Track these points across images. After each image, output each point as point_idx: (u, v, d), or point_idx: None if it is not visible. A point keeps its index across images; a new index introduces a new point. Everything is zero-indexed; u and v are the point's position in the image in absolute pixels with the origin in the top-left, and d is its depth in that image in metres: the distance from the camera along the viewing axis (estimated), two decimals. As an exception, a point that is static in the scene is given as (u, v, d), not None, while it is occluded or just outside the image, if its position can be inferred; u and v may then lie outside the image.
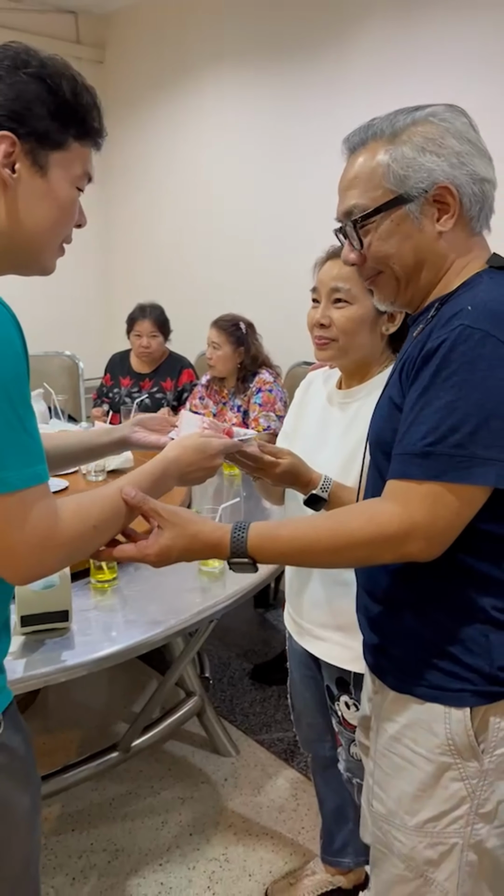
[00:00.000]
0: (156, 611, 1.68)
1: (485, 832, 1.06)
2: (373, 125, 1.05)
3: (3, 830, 0.97)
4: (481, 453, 0.90)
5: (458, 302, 0.98)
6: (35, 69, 0.89)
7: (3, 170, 0.88)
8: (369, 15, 3.23)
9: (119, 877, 1.99)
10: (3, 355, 0.80)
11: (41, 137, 0.90)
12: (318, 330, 1.46)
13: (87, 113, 0.94)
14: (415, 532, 0.93)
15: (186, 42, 4.12)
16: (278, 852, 2.07)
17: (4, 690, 1.00)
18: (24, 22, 4.26)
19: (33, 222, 0.92)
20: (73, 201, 0.97)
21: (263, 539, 1.00)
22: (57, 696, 2.81)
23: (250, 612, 3.44)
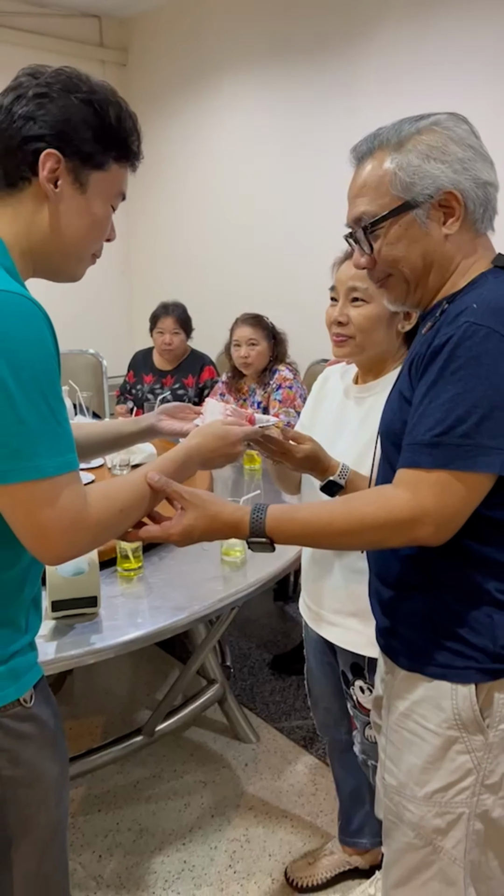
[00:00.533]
0: (179, 598, 1.76)
1: (490, 802, 1.12)
2: (379, 135, 1.10)
3: (34, 797, 1.04)
4: (486, 442, 0.96)
5: (464, 300, 1.04)
6: (85, 94, 0.97)
7: (47, 184, 0.96)
8: (383, 17, 3.27)
9: (143, 855, 2.07)
10: (38, 354, 0.87)
11: (84, 158, 0.98)
12: (336, 327, 1.52)
13: (128, 137, 1.03)
14: (424, 517, 0.99)
15: (206, 45, 4.19)
16: (297, 834, 2.14)
17: (35, 667, 1.07)
18: (49, 26, 4.36)
19: (70, 233, 1.00)
20: (107, 218, 1.05)
21: (281, 521, 1.06)
22: (83, 684, 2.90)
23: (270, 605, 3.51)
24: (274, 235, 4.01)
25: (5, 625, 1.01)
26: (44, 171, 0.95)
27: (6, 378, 0.84)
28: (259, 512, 1.07)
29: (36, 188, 0.97)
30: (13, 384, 0.85)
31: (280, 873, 2.00)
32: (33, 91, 0.96)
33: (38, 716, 1.04)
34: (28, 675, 1.04)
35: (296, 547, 1.90)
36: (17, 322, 0.86)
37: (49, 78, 0.97)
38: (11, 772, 1.00)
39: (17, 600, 1.03)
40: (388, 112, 1.19)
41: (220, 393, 3.29)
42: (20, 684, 1.01)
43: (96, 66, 4.64)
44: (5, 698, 0.99)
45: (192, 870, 2.02)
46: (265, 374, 3.12)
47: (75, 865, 2.03)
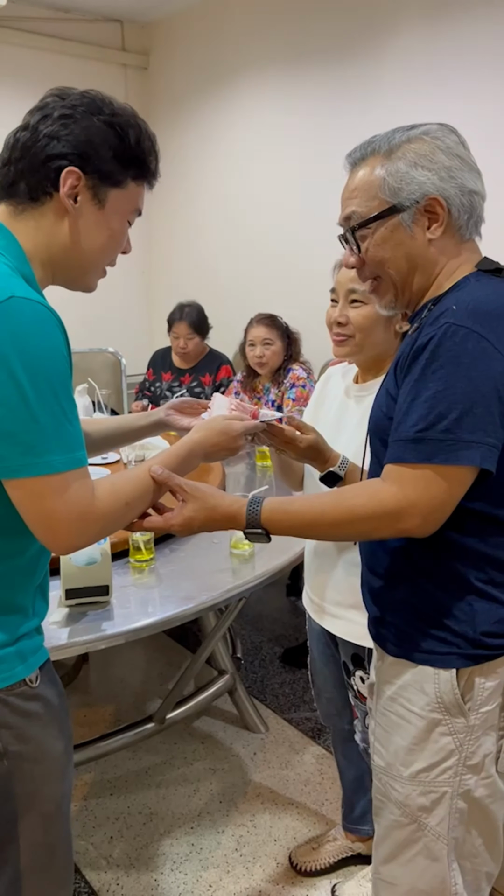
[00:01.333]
0: (189, 588, 1.82)
1: (472, 782, 1.18)
2: (372, 142, 1.17)
3: (39, 771, 1.09)
4: (466, 437, 1.01)
5: (446, 302, 1.09)
6: (107, 116, 1.05)
7: (67, 200, 1.03)
8: (399, 22, 3.31)
9: (153, 837, 2.14)
10: (52, 358, 0.94)
11: (103, 176, 1.05)
12: (336, 328, 1.58)
13: (146, 157, 1.10)
14: (411, 509, 1.04)
15: (225, 49, 4.25)
16: (303, 820, 2.20)
17: (41, 649, 1.13)
18: (73, 31, 4.44)
19: (87, 246, 1.08)
20: (123, 232, 1.13)
21: (275, 512, 1.13)
22: (98, 673, 2.98)
23: (282, 600, 3.58)
24: (290, 237, 4.06)
25: (15, 609, 1.07)
26: (64, 187, 1.02)
27: (22, 380, 0.91)
28: (255, 504, 1.13)
29: (57, 203, 1.04)
30: (28, 386, 0.91)
31: (284, 858, 2.06)
32: (59, 112, 1.03)
33: (43, 695, 1.10)
34: (34, 656, 1.10)
35: (302, 541, 1.95)
36: (32, 328, 0.92)
37: (74, 100, 1.05)
38: (18, 748, 1.05)
39: (27, 586, 1.09)
40: (404, 116, 1.25)
41: (234, 391, 3.35)
42: (26, 665, 1.07)
43: (118, 70, 4.72)
44: (13, 678, 1.05)
45: (199, 852, 2.08)
46: (279, 374, 3.18)
47: (87, 846, 2.10)
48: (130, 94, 4.79)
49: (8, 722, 1.04)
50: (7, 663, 1.05)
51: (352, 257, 1.20)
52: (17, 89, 4.24)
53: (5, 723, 1.04)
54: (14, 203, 1.05)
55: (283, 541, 2.03)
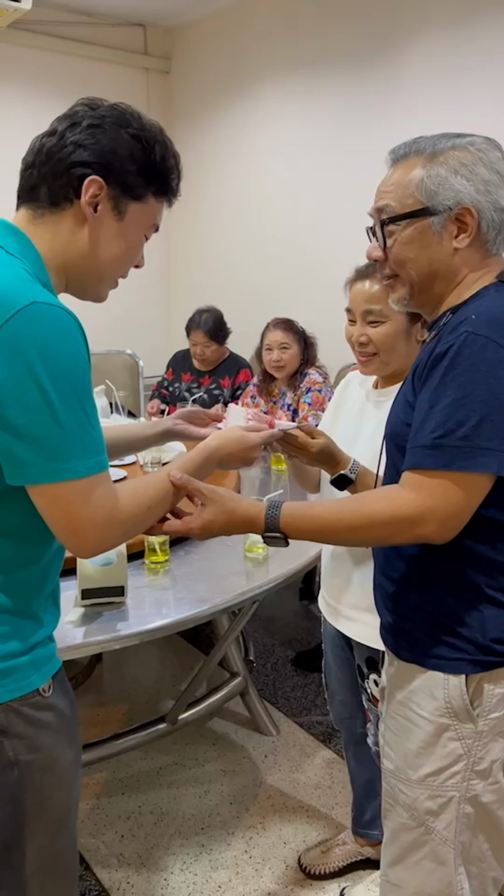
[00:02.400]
0: (203, 590, 1.83)
1: (480, 788, 1.19)
2: (418, 142, 1.17)
3: (49, 780, 1.10)
4: (484, 444, 1.02)
5: (465, 311, 1.10)
6: (135, 130, 1.06)
7: (87, 208, 1.04)
8: (423, 27, 3.32)
9: (163, 837, 2.16)
10: (74, 363, 0.95)
11: (126, 188, 1.06)
12: (359, 347, 1.60)
13: (169, 175, 1.11)
14: (429, 515, 1.05)
15: (247, 54, 4.27)
16: (312, 824, 2.21)
17: (54, 658, 1.13)
18: (96, 35, 4.49)
19: (103, 256, 1.08)
20: (140, 246, 1.13)
21: (294, 517, 1.13)
22: (112, 673, 3.00)
23: (295, 604, 3.59)
24: (308, 241, 4.08)
25: (27, 617, 1.07)
26: (86, 195, 1.03)
27: (47, 386, 0.91)
28: (274, 509, 1.14)
29: (77, 210, 1.04)
30: (53, 392, 0.92)
31: (294, 860, 2.07)
32: (87, 121, 1.04)
33: (55, 705, 1.10)
34: (47, 666, 1.10)
35: (316, 546, 1.97)
36: (55, 333, 0.93)
37: (104, 111, 1.06)
38: (29, 757, 1.06)
39: (39, 594, 1.10)
40: (428, 121, 1.27)
41: (251, 395, 3.37)
42: (39, 674, 1.07)
43: (140, 74, 4.76)
44: (26, 688, 1.05)
45: (209, 853, 2.10)
46: (295, 378, 3.18)
47: (98, 844, 2.12)
48: (152, 98, 4.83)
49: (20, 732, 1.05)
50: (21, 672, 1.05)
51: (375, 251, 1.20)
52: (40, 92, 4.29)
53: (18, 733, 1.04)
54: (33, 207, 1.06)
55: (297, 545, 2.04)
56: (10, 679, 1.04)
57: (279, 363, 3.15)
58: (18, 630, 1.06)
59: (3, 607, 1.04)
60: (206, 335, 3.60)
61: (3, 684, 1.03)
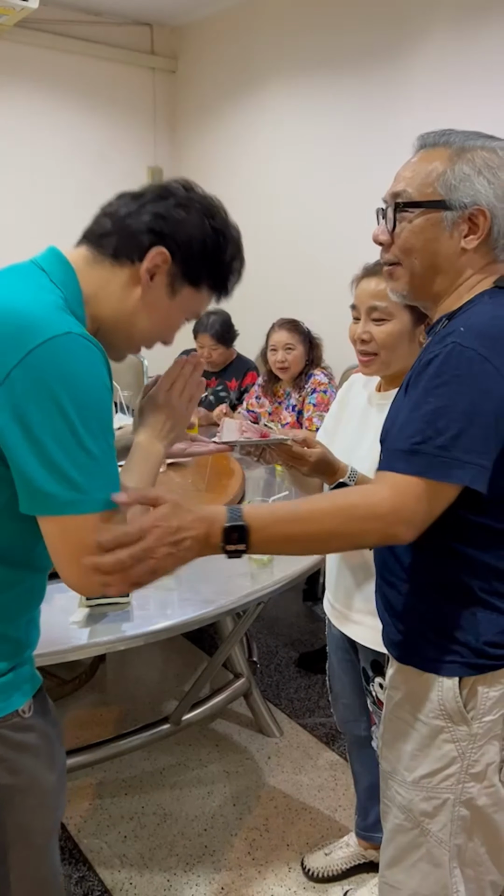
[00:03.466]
0: (208, 591, 1.83)
1: (475, 791, 1.19)
2: (448, 134, 1.17)
3: (30, 803, 1.09)
4: (461, 456, 1.02)
5: (455, 322, 1.11)
6: (219, 225, 1.09)
7: (145, 274, 1.05)
8: (430, 28, 3.31)
9: (166, 838, 2.15)
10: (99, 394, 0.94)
11: (187, 271, 1.08)
12: (360, 345, 1.58)
13: (231, 275, 1.14)
14: (399, 515, 1.03)
15: (253, 54, 4.27)
16: (316, 826, 2.21)
17: (34, 676, 1.12)
18: (103, 34, 4.48)
19: (142, 324, 1.09)
20: (178, 327, 1.15)
21: (260, 507, 1.05)
22: (115, 673, 3.00)
23: (299, 605, 3.58)
24: (317, 242, 4.07)
25: (10, 638, 1.06)
26: (149, 261, 1.04)
27: (73, 417, 0.90)
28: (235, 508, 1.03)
29: (134, 272, 1.05)
30: (80, 424, 0.91)
31: (297, 863, 2.07)
32: (176, 200, 1.06)
33: (35, 726, 1.08)
34: (26, 685, 1.09)
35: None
36: (81, 364, 0.93)
37: (196, 196, 1.09)
38: (9, 780, 1.05)
39: (19, 619, 1.08)
40: (436, 121, 1.25)
41: (255, 396, 3.36)
42: (18, 696, 1.06)
43: (146, 73, 4.76)
44: (5, 709, 1.04)
45: (212, 854, 2.09)
46: (300, 379, 3.18)
47: (101, 844, 2.12)
48: (158, 97, 4.83)
49: (1, 755, 1.04)
50: (3, 693, 1.04)
51: (383, 234, 1.20)
52: (47, 91, 4.29)
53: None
54: (95, 251, 1.06)
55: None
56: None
57: (284, 364, 3.15)
58: (1, 652, 1.05)
59: None
60: (213, 338, 3.60)
61: None
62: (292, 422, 3.17)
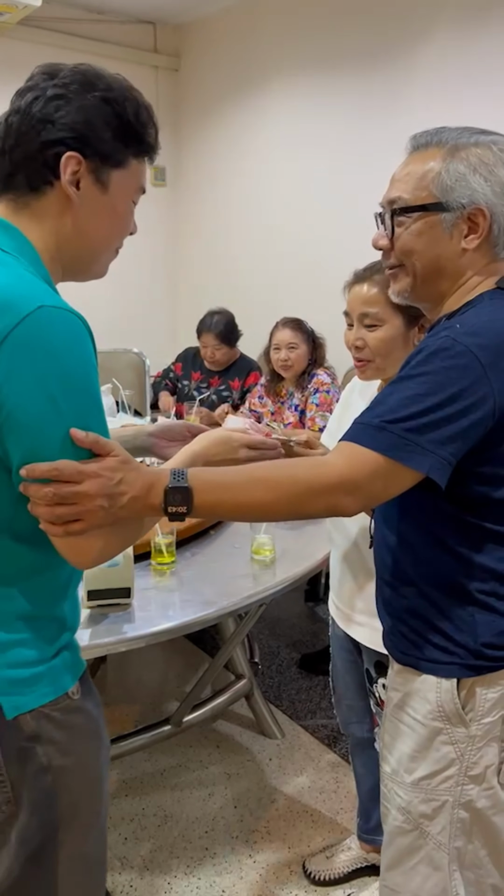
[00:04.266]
0: (210, 592, 1.82)
1: (474, 793, 1.18)
2: (441, 133, 1.15)
3: (81, 783, 1.08)
4: (425, 444, 1.01)
5: (453, 320, 1.10)
6: (102, 92, 0.98)
7: (69, 187, 0.97)
8: (432, 29, 3.30)
9: (167, 840, 2.14)
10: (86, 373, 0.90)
11: (105, 157, 0.99)
12: (355, 352, 1.58)
13: (146, 131, 1.03)
14: (350, 487, 1.02)
15: (257, 53, 4.25)
16: (317, 829, 2.19)
17: (79, 659, 1.10)
18: (106, 32, 4.47)
19: (95, 233, 1.02)
20: (130, 213, 1.07)
21: (205, 470, 1.03)
22: (116, 673, 2.99)
23: (301, 606, 3.57)
24: (318, 241, 4.05)
25: (53, 620, 1.05)
26: (66, 174, 0.96)
27: (58, 398, 0.87)
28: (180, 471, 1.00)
29: (58, 191, 0.98)
30: (64, 403, 0.88)
31: (298, 865, 2.05)
32: (51, 92, 0.96)
33: (84, 707, 1.07)
34: (74, 668, 1.07)
35: (324, 548, 1.95)
36: (65, 341, 0.89)
37: (65, 77, 0.98)
38: (62, 761, 1.03)
39: (63, 598, 1.07)
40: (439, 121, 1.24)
41: (258, 396, 3.35)
42: (68, 677, 1.05)
43: (149, 72, 4.74)
44: (56, 692, 1.03)
45: (213, 857, 2.08)
46: (303, 378, 3.17)
47: (102, 846, 2.11)
48: (161, 95, 4.81)
49: (53, 737, 1.02)
50: (50, 676, 1.03)
51: (382, 239, 1.18)
52: (49, 90, 4.27)
53: (50, 738, 1.02)
54: (14, 196, 0.99)
55: (304, 547, 2.06)
56: (39, 684, 1.02)
57: (287, 362, 3.13)
58: (43, 635, 1.03)
59: (24, 613, 1.01)
60: (217, 338, 3.59)
61: (33, 690, 1.01)
62: (295, 422, 3.15)
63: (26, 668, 1.01)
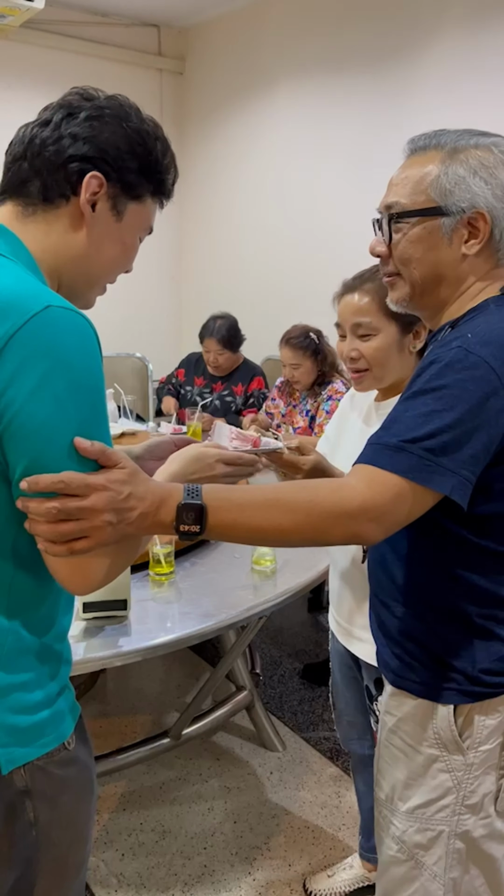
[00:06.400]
0: (209, 604, 1.78)
1: (471, 823, 1.14)
2: (439, 135, 1.10)
3: (67, 837, 1.02)
4: (447, 464, 0.96)
5: (462, 329, 1.05)
6: (136, 125, 0.98)
7: (86, 206, 0.95)
8: (440, 28, 3.26)
9: (165, 856, 2.09)
10: (94, 375, 0.85)
11: (126, 187, 0.98)
12: (350, 363, 1.53)
13: (167, 174, 1.03)
14: (372, 514, 0.96)
15: (261, 55, 4.22)
16: (318, 846, 2.14)
17: (75, 703, 1.03)
18: (110, 35, 4.45)
19: (99, 259, 1.00)
20: (135, 249, 1.05)
21: (220, 488, 0.96)
22: (115, 683, 2.94)
23: (303, 615, 3.52)
24: (327, 244, 4.02)
25: (52, 656, 0.98)
26: (86, 192, 0.95)
27: (65, 401, 0.82)
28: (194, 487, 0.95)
29: (72, 208, 0.96)
30: (72, 407, 0.83)
31: (299, 884, 2.00)
32: (86, 112, 0.95)
33: (78, 758, 1.01)
34: (73, 710, 1.01)
35: (326, 559, 1.90)
36: (74, 343, 0.84)
37: (102, 102, 0.98)
38: (49, 816, 0.98)
39: (60, 627, 1.01)
40: (446, 122, 1.20)
41: (271, 398, 3.34)
42: (66, 724, 0.99)
43: (154, 75, 4.72)
44: (53, 742, 0.96)
45: (211, 874, 2.03)
46: (316, 387, 3.13)
47: (98, 862, 2.06)
48: (166, 99, 4.79)
49: (44, 791, 0.96)
50: (53, 722, 0.96)
51: (379, 246, 1.14)
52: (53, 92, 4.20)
53: (41, 792, 0.96)
54: (22, 203, 0.96)
55: (306, 557, 2.01)
56: (39, 733, 0.95)
57: (293, 378, 3.13)
58: (46, 671, 0.96)
59: (28, 649, 0.93)
60: (220, 343, 3.56)
61: (33, 740, 0.94)
62: (304, 426, 3.12)
63: (29, 715, 0.94)
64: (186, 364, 3.89)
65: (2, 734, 0.92)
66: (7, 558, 0.90)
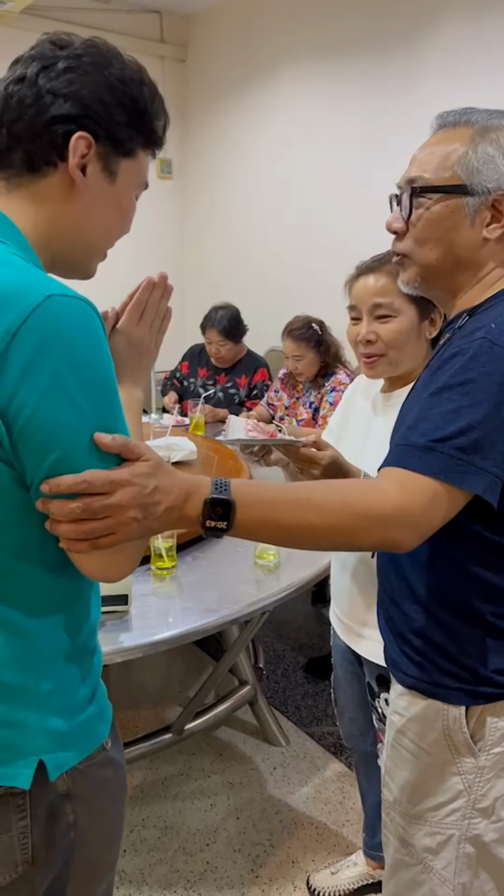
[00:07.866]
0: (211, 599, 1.75)
1: (482, 827, 1.10)
2: (469, 112, 1.06)
3: (101, 839, 1.00)
4: (478, 463, 0.92)
5: (483, 318, 1.00)
6: (118, 71, 0.87)
7: (75, 171, 0.86)
8: (444, 13, 3.21)
9: (167, 853, 2.07)
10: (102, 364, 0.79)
11: (117, 144, 0.88)
12: (364, 347, 1.47)
13: (158, 122, 0.93)
14: (406, 517, 0.92)
15: (264, 41, 4.17)
16: (322, 842, 2.12)
17: (107, 703, 1.00)
18: (111, 22, 4.39)
19: (96, 226, 0.91)
20: (133, 210, 0.96)
21: (248, 483, 0.91)
22: (118, 677, 2.92)
23: (307, 608, 3.49)
24: (331, 232, 3.97)
25: (88, 652, 0.95)
26: (74, 156, 0.85)
27: (77, 396, 0.77)
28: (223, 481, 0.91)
29: (62, 175, 0.86)
30: (85, 402, 0.77)
31: (302, 881, 1.98)
32: (62, 64, 0.84)
33: (114, 759, 0.98)
34: (106, 712, 0.98)
35: (329, 553, 1.87)
36: (80, 333, 0.77)
37: (77, 49, 0.86)
38: (87, 819, 0.96)
39: (94, 622, 0.97)
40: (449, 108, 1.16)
41: (274, 390, 3.30)
42: (102, 726, 0.96)
43: (156, 62, 4.67)
44: (94, 744, 0.93)
45: (214, 871, 2.01)
46: (319, 378, 3.09)
47: (99, 858, 2.04)
48: (168, 86, 4.74)
49: (83, 794, 0.94)
50: (91, 724, 0.93)
51: (397, 222, 1.09)
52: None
53: (81, 795, 0.93)
54: (6, 176, 0.87)
55: (309, 552, 1.98)
56: (80, 736, 0.92)
57: (295, 371, 3.09)
58: (82, 672, 0.93)
59: (63, 650, 0.90)
60: (221, 334, 3.51)
61: (75, 743, 0.91)
62: (307, 418, 3.08)
63: (69, 718, 0.90)
64: (189, 356, 3.85)
65: (46, 740, 0.89)
66: (35, 563, 0.85)
